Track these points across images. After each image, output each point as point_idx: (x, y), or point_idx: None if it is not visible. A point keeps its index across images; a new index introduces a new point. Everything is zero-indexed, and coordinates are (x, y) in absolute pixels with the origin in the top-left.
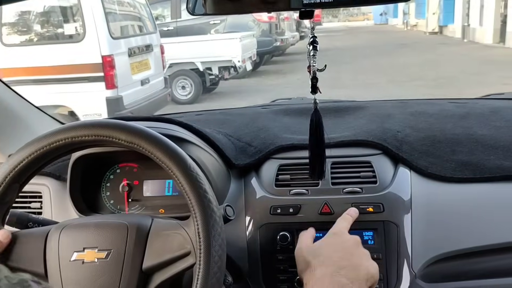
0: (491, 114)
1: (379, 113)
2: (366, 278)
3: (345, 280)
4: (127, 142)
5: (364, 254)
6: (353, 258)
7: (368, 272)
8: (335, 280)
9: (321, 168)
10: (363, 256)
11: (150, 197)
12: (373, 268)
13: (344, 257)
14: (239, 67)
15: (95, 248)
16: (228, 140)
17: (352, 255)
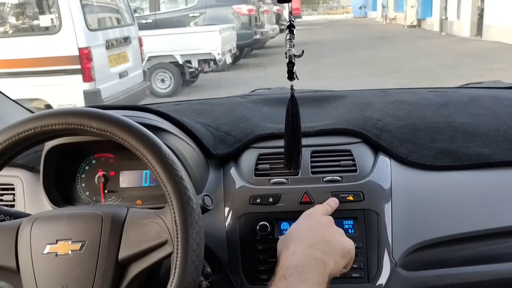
0: (470, 102)
1: (359, 102)
2: (341, 253)
3: (319, 253)
4: (99, 130)
5: (338, 232)
6: (326, 235)
7: (343, 247)
8: (309, 253)
9: (297, 158)
10: (337, 233)
11: (127, 188)
12: (348, 244)
13: (318, 234)
14: (218, 60)
15: (68, 240)
16: (207, 130)
17: (325, 232)
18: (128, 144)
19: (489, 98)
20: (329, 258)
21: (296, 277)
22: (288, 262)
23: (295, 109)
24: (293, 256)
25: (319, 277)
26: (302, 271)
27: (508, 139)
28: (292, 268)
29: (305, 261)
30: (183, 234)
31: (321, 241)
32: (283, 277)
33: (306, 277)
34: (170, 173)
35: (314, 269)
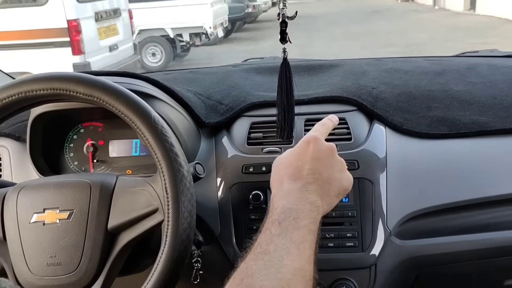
0: (466, 70)
1: (353, 71)
2: (337, 192)
3: (314, 196)
4: (86, 96)
5: (338, 164)
6: (325, 170)
7: (340, 186)
8: (303, 196)
9: (290, 126)
10: (336, 167)
11: (117, 157)
12: (346, 181)
13: (316, 169)
14: (210, 33)
15: (56, 209)
16: (198, 98)
17: (324, 166)
18: (116, 109)
19: (485, 66)
20: (323, 201)
21: (290, 222)
22: (283, 203)
23: (288, 73)
24: (288, 197)
25: (313, 223)
26: (297, 216)
27: (505, 107)
28: (287, 212)
29: (300, 204)
30: (174, 202)
31: (318, 180)
32: (277, 221)
33: (301, 224)
34: (159, 139)
35: (308, 215)
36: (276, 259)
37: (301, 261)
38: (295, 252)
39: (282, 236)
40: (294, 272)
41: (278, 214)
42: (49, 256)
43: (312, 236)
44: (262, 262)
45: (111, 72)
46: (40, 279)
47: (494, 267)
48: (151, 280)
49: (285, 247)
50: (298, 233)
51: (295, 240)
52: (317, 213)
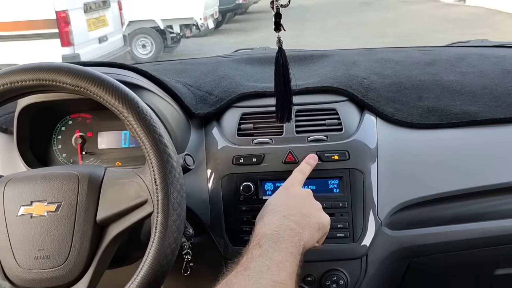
0: (457, 60)
1: (344, 61)
2: (317, 227)
3: (294, 225)
4: (72, 86)
5: (315, 205)
6: (303, 208)
7: (319, 222)
8: (284, 223)
9: (289, 110)
10: (314, 207)
11: (106, 149)
12: (324, 219)
13: (294, 206)
14: (201, 25)
15: (43, 201)
16: (188, 89)
17: (302, 205)
18: (103, 100)
19: (476, 56)
20: (304, 230)
21: (271, 245)
22: (264, 231)
23: (284, 60)
24: (268, 225)
25: (294, 247)
26: (277, 240)
27: (495, 97)
28: (268, 236)
29: (280, 230)
30: (163, 193)
31: (297, 213)
32: (258, 245)
33: (281, 246)
34: (148, 130)
35: (289, 239)
36: (256, 273)
37: (281, 276)
38: (275, 268)
39: (262, 256)
40: (273, 284)
41: (258, 239)
42: (37, 249)
43: (294, 258)
44: (242, 277)
45: (99, 63)
46: (29, 272)
47: (485, 257)
48: (141, 273)
49: (265, 264)
50: (278, 254)
51: (275, 260)
52: (299, 239)
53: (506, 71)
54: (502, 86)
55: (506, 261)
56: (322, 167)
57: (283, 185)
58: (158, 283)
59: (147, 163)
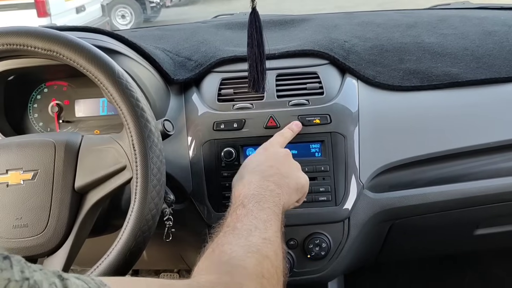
0: (438, 22)
1: (325, 24)
2: (296, 187)
3: (273, 185)
4: (45, 50)
5: (294, 165)
6: (282, 167)
7: (298, 182)
8: (263, 184)
9: (261, 78)
10: (292, 167)
11: (83, 117)
12: (303, 179)
13: (274, 165)
14: None
15: (19, 170)
16: (166, 55)
17: (281, 165)
18: (77, 64)
19: (457, 18)
20: (283, 191)
21: (254, 205)
22: (245, 191)
23: (257, 23)
24: (248, 186)
25: (276, 207)
26: (259, 199)
27: (476, 58)
28: (250, 197)
29: (261, 191)
30: (142, 158)
31: (275, 174)
32: (242, 205)
33: (264, 206)
34: (125, 94)
35: (270, 200)
36: (245, 231)
37: (268, 233)
38: (262, 227)
39: (248, 216)
40: (262, 240)
41: (241, 199)
42: (15, 218)
43: (277, 218)
44: (231, 235)
45: (73, 27)
46: (7, 241)
47: (465, 218)
48: (122, 238)
49: (252, 223)
50: (263, 213)
51: (261, 219)
52: (279, 199)
53: (487, 32)
54: (483, 47)
55: (485, 221)
56: (303, 131)
57: (262, 145)
58: (139, 248)
59: (125, 129)
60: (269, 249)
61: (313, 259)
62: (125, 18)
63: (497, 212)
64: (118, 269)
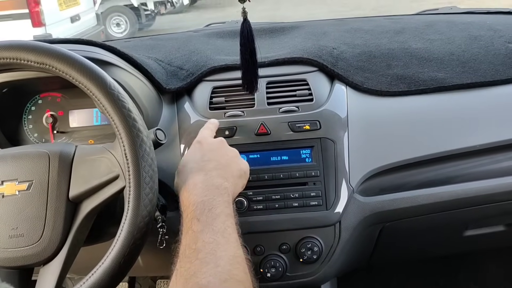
0: (425, 28)
1: (314, 32)
2: (239, 174)
3: (218, 179)
4: (37, 64)
5: (232, 152)
6: (221, 158)
7: (239, 168)
8: (209, 183)
9: (254, 80)
10: (230, 155)
11: (78, 128)
12: (243, 165)
13: (212, 158)
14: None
15: (14, 180)
16: (158, 65)
17: (220, 155)
18: (70, 77)
19: (444, 23)
20: (228, 182)
21: (208, 215)
22: (193, 199)
23: (249, 31)
24: (194, 191)
25: (227, 207)
26: (211, 206)
27: (462, 63)
28: (200, 205)
29: (208, 193)
30: (134, 167)
31: (216, 166)
32: (196, 218)
33: (216, 212)
34: (116, 105)
35: (220, 201)
36: (210, 254)
37: (232, 249)
38: (223, 241)
39: (205, 231)
40: (230, 261)
41: (193, 211)
42: (11, 228)
43: (231, 219)
44: (198, 261)
45: (66, 40)
46: (3, 251)
47: (454, 219)
48: (116, 246)
49: (213, 239)
50: (218, 222)
51: (218, 230)
52: (227, 195)
53: (473, 37)
54: (469, 51)
55: (474, 222)
56: (294, 137)
57: (195, 141)
58: (133, 256)
59: (117, 139)
60: (239, 271)
61: (306, 262)
62: (120, 27)
63: (486, 213)
64: (112, 276)
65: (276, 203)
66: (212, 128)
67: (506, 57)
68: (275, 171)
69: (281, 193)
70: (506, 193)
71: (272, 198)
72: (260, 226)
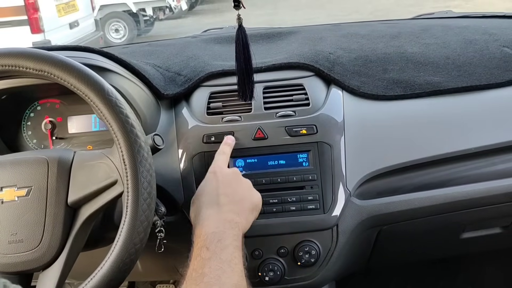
0: (421, 32)
1: (311, 37)
2: (251, 207)
3: (231, 215)
4: (36, 71)
5: (245, 184)
6: (235, 192)
7: (252, 202)
8: (221, 217)
9: (250, 88)
10: (244, 187)
11: (76, 133)
12: (256, 198)
13: (227, 192)
14: (174, 7)
15: (13, 186)
16: (156, 70)
17: (234, 189)
18: (68, 83)
19: (439, 27)
20: (241, 217)
21: (217, 244)
22: (206, 230)
23: (244, 38)
24: (207, 222)
25: (236, 240)
26: (220, 237)
27: (457, 66)
28: (211, 236)
29: (220, 226)
30: (132, 172)
31: (229, 201)
32: (205, 247)
33: (226, 243)
34: (114, 111)
35: (230, 234)
36: (214, 279)
37: (236, 278)
38: (228, 270)
39: (213, 259)
40: None
41: (203, 240)
42: (10, 234)
43: (238, 251)
44: (203, 284)
45: (64, 47)
46: (3, 257)
47: (451, 222)
48: (114, 251)
49: (219, 267)
50: (226, 253)
51: (225, 260)
52: (238, 230)
53: (468, 41)
54: (464, 55)
55: (471, 225)
56: (291, 142)
57: (210, 169)
58: (132, 260)
59: (115, 144)
60: None
61: (304, 266)
62: (118, 32)
63: (482, 215)
64: (111, 281)
65: (274, 207)
66: (227, 152)
67: (501, 60)
68: (273, 175)
69: (278, 197)
70: (502, 195)
71: (270, 202)
72: (258, 230)
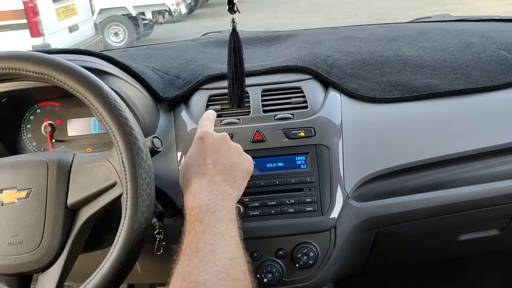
0: (419, 35)
1: (309, 40)
2: (242, 176)
3: (223, 186)
4: (36, 74)
5: (235, 149)
6: (225, 159)
7: (243, 169)
8: (213, 189)
9: (240, 95)
10: (234, 153)
11: (76, 136)
12: (247, 163)
13: (216, 161)
14: (173, 10)
15: (13, 188)
16: (156, 74)
17: (224, 156)
18: (68, 86)
19: (437, 31)
20: (233, 187)
21: (210, 217)
22: (198, 202)
23: (237, 43)
24: (199, 195)
25: (230, 212)
26: (214, 209)
27: (454, 69)
28: (204, 208)
29: (213, 198)
30: (131, 174)
31: (221, 171)
32: (198, 220)
33: (219, 215)
34: (113, 114)
35: (224, 206)
36: (209, 254)
37: (232, 250)
38: (223, 243)
39: (207, 233)
40: (229, 262)
41: (196, 213)
42: (10, 235)
43: (234, 223)
44: (197, 259)
45: (63, 50)
46: (3, 258)
47: (448, 224)
48: (113, 253)
49: (213, 241)
50: (220, 225)
51: (219, 233)
52: (231, 201)
53: (465, 44)
54: (461, 58)
55: (468, 226)
56: (289, 144)
57: (196, 134)
58: (130, 262)
59: (114, 146)
60: (237, 270)
61: (302, 267)
62: (118, 36)
63: (479, 217)
64: (110, 283)
65: (272, 209)
66: (211, 118)
67: (497, 63)
68: (271, 178)
69: (277, 199)
70: (499, 197)
71: (268, 204)
72: (256, 232)
